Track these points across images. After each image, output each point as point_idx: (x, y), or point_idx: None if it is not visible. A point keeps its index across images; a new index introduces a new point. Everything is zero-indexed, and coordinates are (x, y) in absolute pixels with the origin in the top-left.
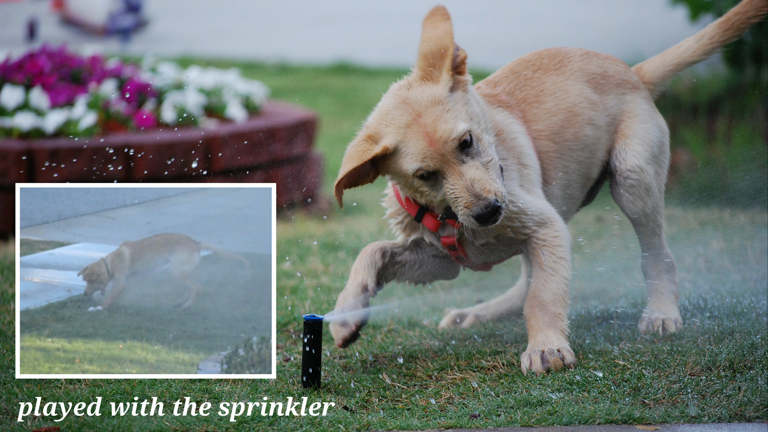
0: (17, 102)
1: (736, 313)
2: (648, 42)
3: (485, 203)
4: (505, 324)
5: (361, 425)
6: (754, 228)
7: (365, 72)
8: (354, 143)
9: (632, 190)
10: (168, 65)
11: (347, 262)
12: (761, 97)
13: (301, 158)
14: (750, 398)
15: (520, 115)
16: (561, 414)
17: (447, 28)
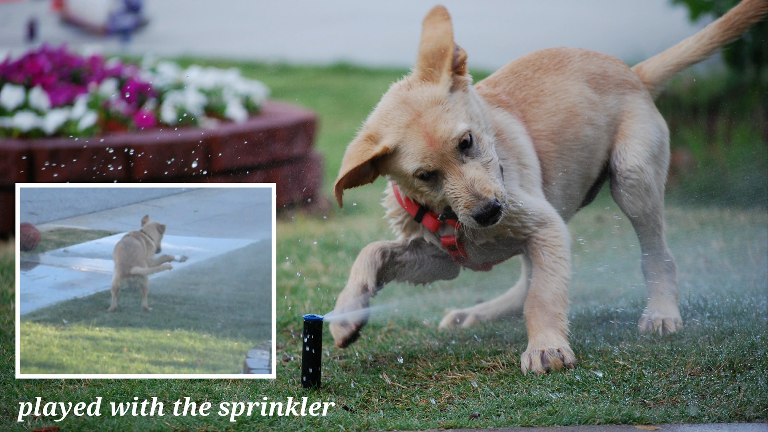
0: (17, 102)
1: (736, 313)
2: (648, 42)
3: (485, 203)
4: (505, 324)
5: (361, 425)
6: (754, 228)
7: (365, 72)
8: (354, 143)
9: (632, 190)
10: (168, 65)
11: (347, 262)
12: (761, 97)
13: (301, 158)
14: (750, 398)
15: (520, 115)
16: (561, 414)
17: (447, 28)
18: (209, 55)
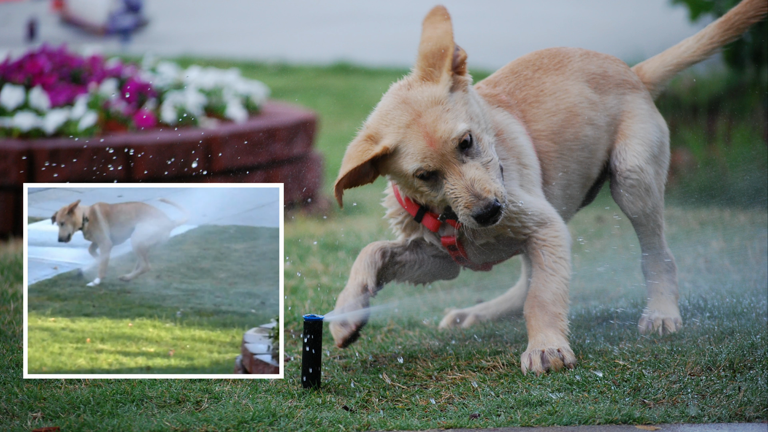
0: (17, 102)
1: (736, 313)
2: (648, 42)
3: (485, 203)
4: (505, 324)
5: (361, 425)
6: (754, 228)
7: (365, 72)
8: (354, 143)
9: (632, 190)
10: (168, 65)
11: (347, 262)
12: (761, 97)
13: (301, 158)
14: (750, 398)
15: (520, 115)
16: (561, 414)
17: (447, 28)
18: (209, 55)
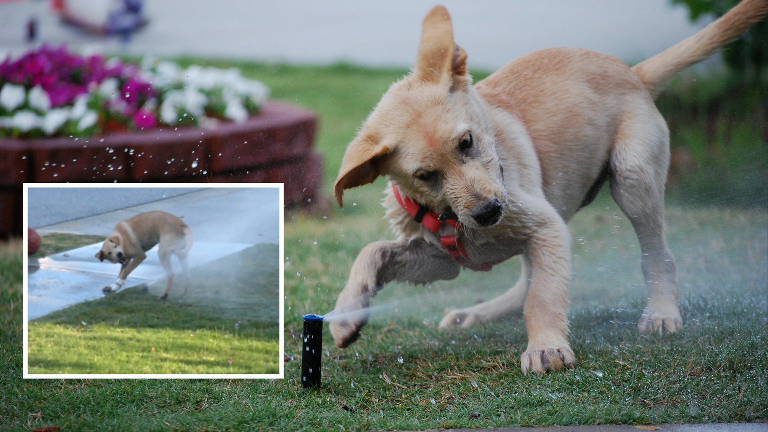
0: (17, 102)
1: (736, 313)
2: (648, 42)
3: (485, 203)
4: (505, 324)
5: (361, 425)
6: (754, 228)
7: (365, 72)
8: (354, 143)
9: (632, 190)
10: (168, 65)
11: (347, 262)
12: (761, 97)
13: (301, 158)
14: (750, 398)
15: (520, 115)
16: (561, 414)
17: (447, 28)
18: (209, 55)
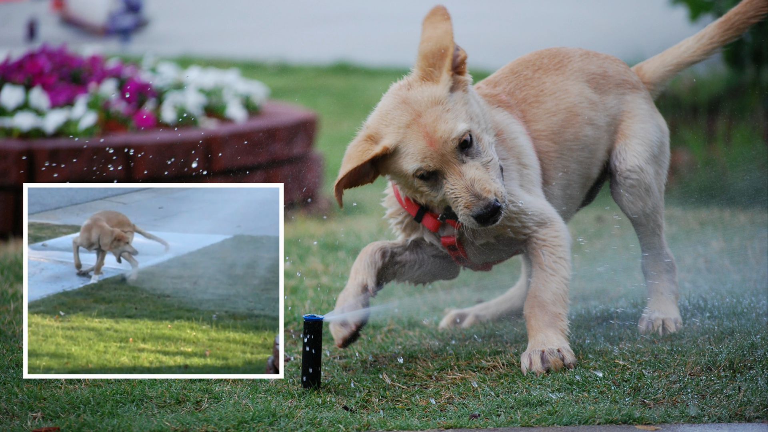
0: (17, 102)
1: (736, 313)
2: (648, 42)
3: (485, 203)
4: (505, 324)
5: (361, 425)
6: (754, 228)
7: (365, 72)
8: (354, 143)
9: (632, 190)
10: (168, 65)
11: (347, 262)
12: (761, 97)
13: (301, 158)
14: (750, 398)
15: (520, 115)
16: (561, 414)
17: (447, 28)
18: (209, 55)
